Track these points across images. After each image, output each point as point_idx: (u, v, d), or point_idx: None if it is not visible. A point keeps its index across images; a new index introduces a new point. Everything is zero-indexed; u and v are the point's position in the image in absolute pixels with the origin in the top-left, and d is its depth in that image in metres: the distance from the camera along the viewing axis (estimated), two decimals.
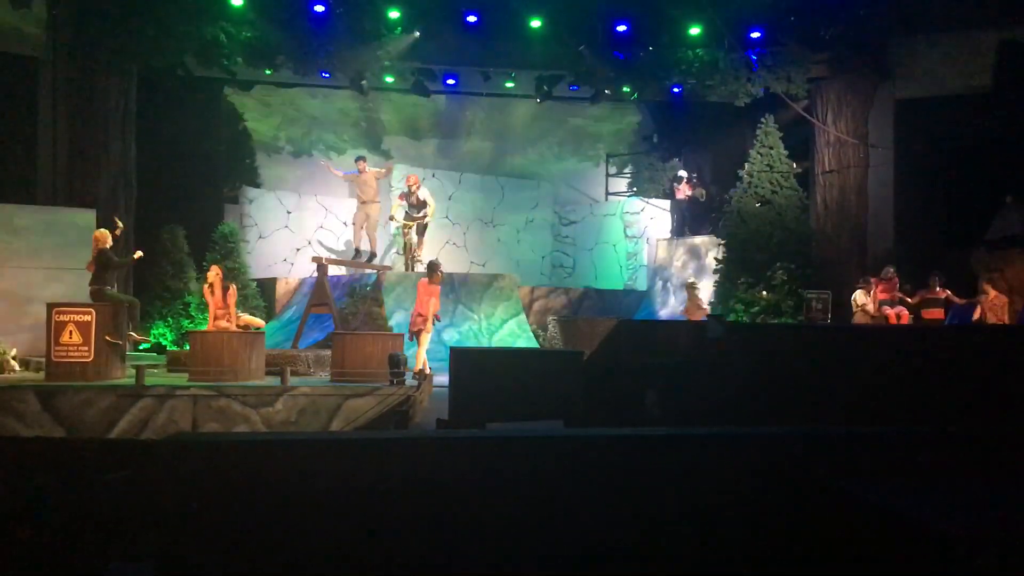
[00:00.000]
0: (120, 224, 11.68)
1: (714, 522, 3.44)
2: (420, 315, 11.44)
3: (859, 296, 13.81)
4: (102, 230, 11.35)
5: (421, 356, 11.37)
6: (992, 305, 12.85)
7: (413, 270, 15.77)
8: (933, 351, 5.70)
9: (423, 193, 15.55)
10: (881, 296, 13.71)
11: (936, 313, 13.33)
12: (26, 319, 12.32)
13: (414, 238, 16.16)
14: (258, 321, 12.34)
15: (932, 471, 3.55)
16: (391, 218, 15.89)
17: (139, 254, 11.93)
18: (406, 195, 15.63)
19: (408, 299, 15.12)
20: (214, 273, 11.86)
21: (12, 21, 14.04)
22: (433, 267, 11.57)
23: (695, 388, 6.34)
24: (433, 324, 11.64)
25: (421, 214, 15.62)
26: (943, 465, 3.60)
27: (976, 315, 12.98)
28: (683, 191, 18.53)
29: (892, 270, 13.90)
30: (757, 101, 16.44)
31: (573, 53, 16.14)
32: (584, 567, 3.35)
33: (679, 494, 3.46)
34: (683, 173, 18.59)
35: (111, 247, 11.19)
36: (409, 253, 16.16)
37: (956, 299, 13.34)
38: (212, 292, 11.69)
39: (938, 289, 13.40)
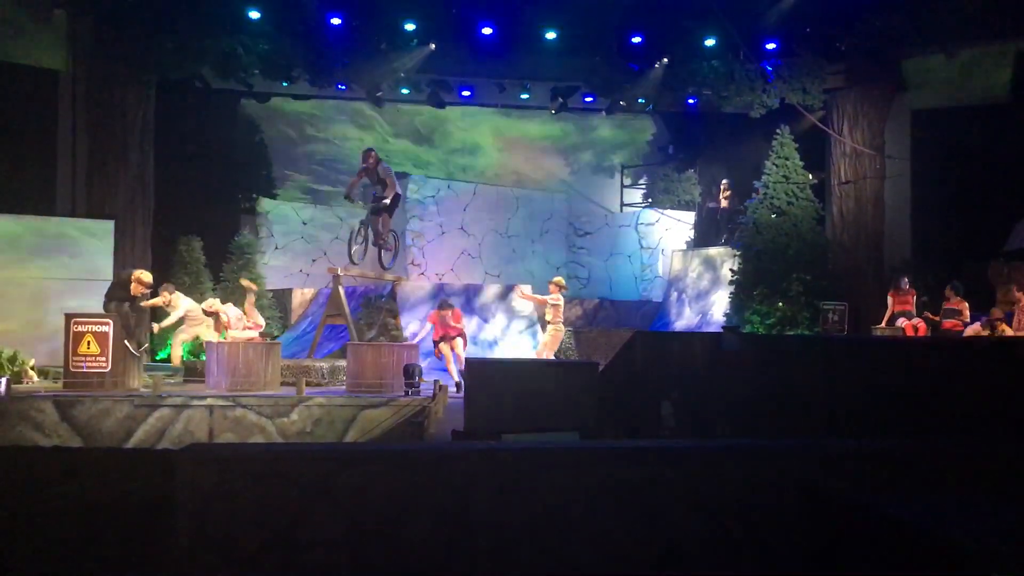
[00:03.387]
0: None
1: (730, 535, 3.42)
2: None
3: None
4: (145, 274, 11.46)
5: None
6: None
7: (383, 263, 14.47)
8: (951, 362, 5.66)
9: (383, 170, 13.71)
10: (897, 308, 13.59)
11: (955, 324, 13.15)
12: (44, 329, 12.41)
13: (377, 229, 14.11)
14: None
15: (951, 483, 3.52)
16: (347, 196, 14.50)
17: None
18: (365, 171, 13.76)
19: (422, 310, 15.14)
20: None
21: (33, 34, 14.21)
22: (445, 303, 12.62)
23: (711, 400, 6.31)
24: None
25: (384, 194, 13.73)
26: (962, 477, 3.57)
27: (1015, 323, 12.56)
28: (726, 199, 18.36)
29: (907, 281, 13.79)
30: (772, 112, 16.41)
31: (588, 64, 16.17)
32: None
33: (695, 507, 3.44)
34: (726, 181, 18.40)
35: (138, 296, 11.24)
36: (378, 241, 14.22)
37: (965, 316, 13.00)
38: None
39: (956, 299, 13.17)
